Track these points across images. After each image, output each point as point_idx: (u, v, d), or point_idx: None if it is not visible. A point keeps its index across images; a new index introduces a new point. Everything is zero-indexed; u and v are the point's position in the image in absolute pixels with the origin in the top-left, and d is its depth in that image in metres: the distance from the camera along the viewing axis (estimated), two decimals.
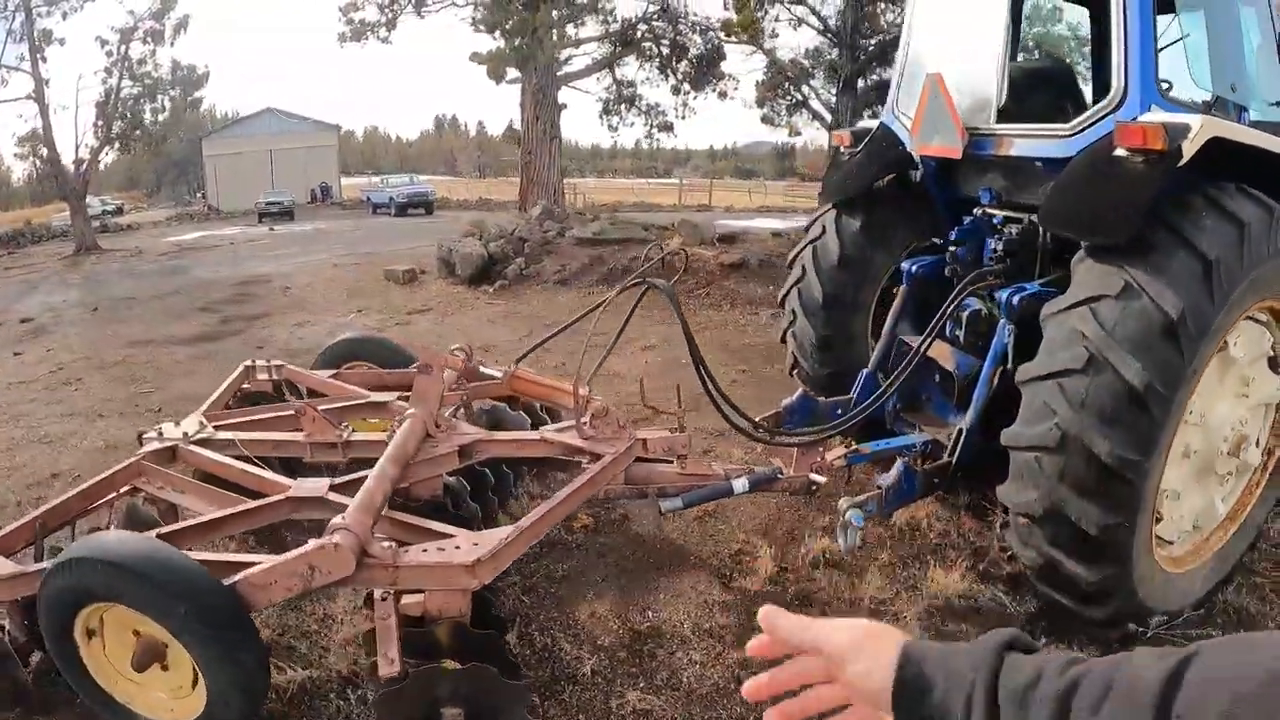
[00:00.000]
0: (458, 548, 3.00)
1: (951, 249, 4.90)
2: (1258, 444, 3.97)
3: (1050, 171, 4.15)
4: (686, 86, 18.67)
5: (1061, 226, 3.85)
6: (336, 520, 2.92)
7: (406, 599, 3.06)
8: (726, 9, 15.60)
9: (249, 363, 5.48)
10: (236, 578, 2.80)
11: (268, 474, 3.83)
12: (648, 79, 19.46)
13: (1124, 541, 3.38)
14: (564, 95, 18.55)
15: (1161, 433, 3.28)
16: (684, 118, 19.46)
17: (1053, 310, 3.54)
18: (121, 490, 4.00)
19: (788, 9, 14.75)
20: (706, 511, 4.76)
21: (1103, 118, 3.82)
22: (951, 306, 4.37)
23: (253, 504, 3.49)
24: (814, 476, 4.08)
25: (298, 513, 3.55)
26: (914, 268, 5.11)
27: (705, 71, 18.30)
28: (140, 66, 21.26)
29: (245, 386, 5.39)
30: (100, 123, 20.50)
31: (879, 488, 3.91)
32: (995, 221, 4.76)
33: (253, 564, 2.88)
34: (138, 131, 21.54)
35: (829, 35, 14.11)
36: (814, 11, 14.59)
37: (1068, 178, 3.78)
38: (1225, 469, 3.85)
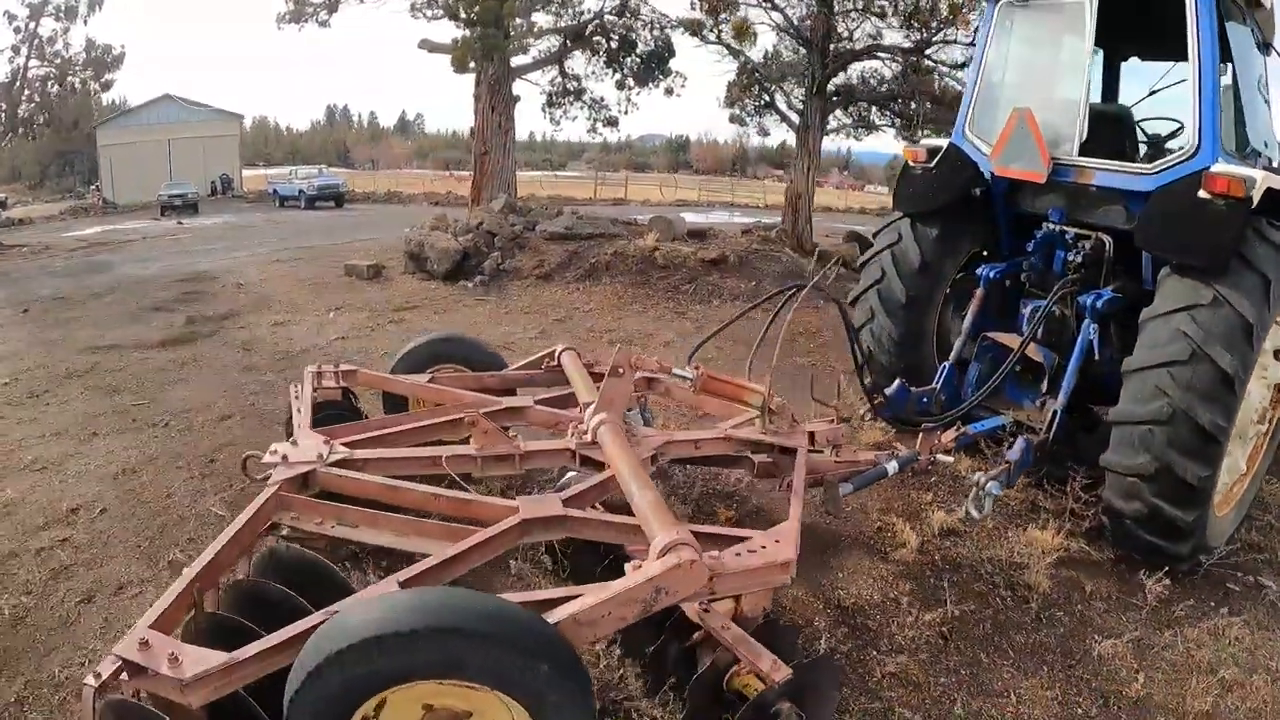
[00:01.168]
0: (762, 547, 2.90)
1: (1029, 258, 5.68)
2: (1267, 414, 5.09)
3: (1127, 200, 5.10)
4: (631, 82, 17.84)
5: (1157, 247, 4.75)
6: (670, 536, 2.74)
7: (717, 605, 2.98)
8: (693, 9, 14.85)
9: (314, 368, 4.64)
10: (562, 617, 2.43)
11: (473, 495, 3.46)
12: (592, 73, 18.57)
13: (1210, 491, 4.33)
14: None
15: (1238, 406, 4.29)
16: (626, 113, 18.66)
17: (1153, 314, 4.44)
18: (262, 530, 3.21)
19: (767, 15, 14.12)
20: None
21: (1179, 164, 4.73)
22: (1044, 309, 5.10)
23: (487, 532, 3.02)
24: (941, 457, 4.63)
25: (529, 535, 3.22)
26: (991, 273, 5.73)
27: (654, 68, 17.52)
28: (50, 45, 18.65)
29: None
30: (4, 107, 17.89)
31: (1008, 462, 4.47)
32: (1068, 237, 5.49)
33: (566, 599, 2.56)
34: (44, 116, 18.99)
35: (801, 41, 13.55)
36: (788, 20, 14.02)
37: (1157, 209, 4.69)
38: (1252, 434, 4.90)
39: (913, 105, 13.89)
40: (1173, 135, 5.98)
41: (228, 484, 4.96)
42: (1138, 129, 6.14)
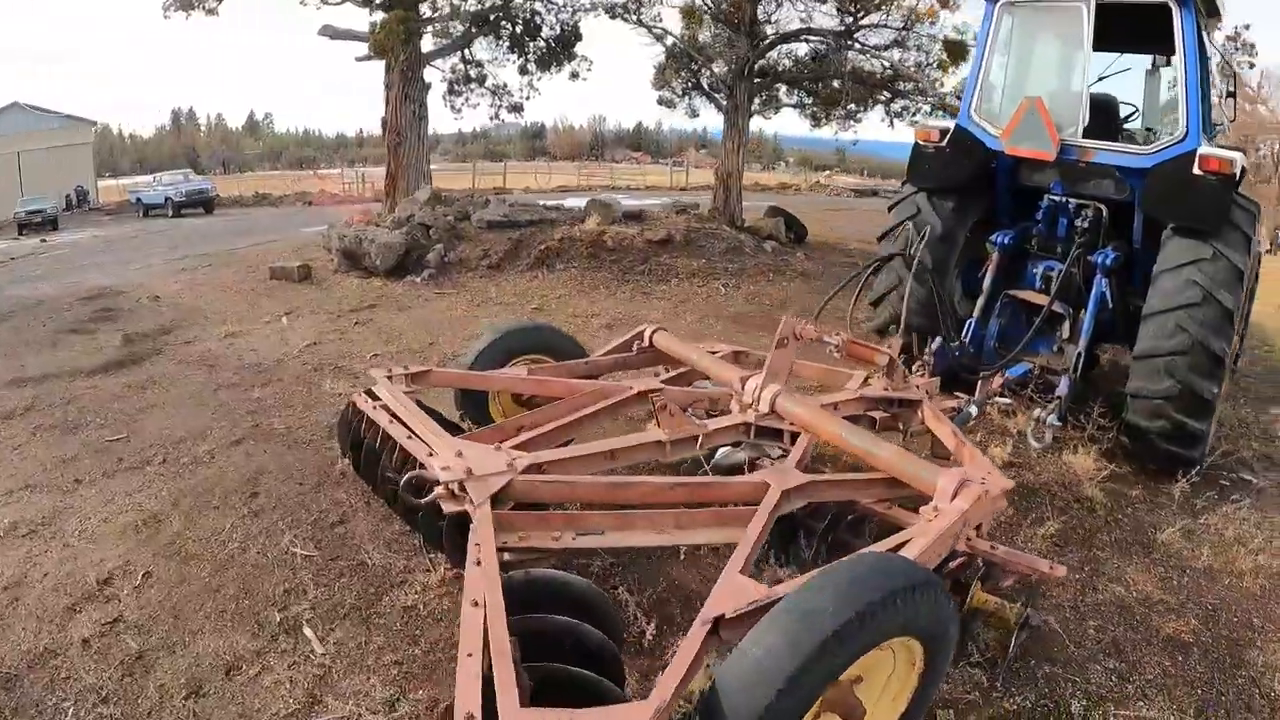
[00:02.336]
0: (982, 479, 3.11)
1: (1036, 225, 6.33)
2: None
3: (1124, 176, 5.86)
4: (533, 67, 16.81)
5: (1164, 214, 5.50)
6: (960, 474, 3.05)
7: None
8: None
9: (384, 373, 4.01)
10: (913, 555, 2.60)
11: (713, 478, 3.65)
12: (494, 59, 17.43)
13: (1216, 405, 5.20)
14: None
15: (1235, 336, 5.28)
16: (529, 98, 17.58)
17: (1165, 268, 5.26)
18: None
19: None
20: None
21: (1171, 145, 5.54)
22: (1066, 268, 5.80)
23: (760, 511, 2.97)
24: (999, 399, 5.49)
25: (785, 506, 3.15)
26: (1004, 239, 6.29)
27: (560, 52, 16.57)
28: None
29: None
30: None
31: (1058, 398, 5.33)
32: (1071, 206, 6.13)
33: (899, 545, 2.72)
34: None
35: (729, 25, 12.99)
36: (714, 4, 13.44)
37: (1160, 183, 5.51)
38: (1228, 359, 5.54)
39: (835, 84, 13.63)
40: (1128, 118, 6.97)
41: (293, 518, 4.00)
42: (1119, 113, 6.87)
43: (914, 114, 13.75)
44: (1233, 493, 5.18)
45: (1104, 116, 6.32)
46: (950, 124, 6.49)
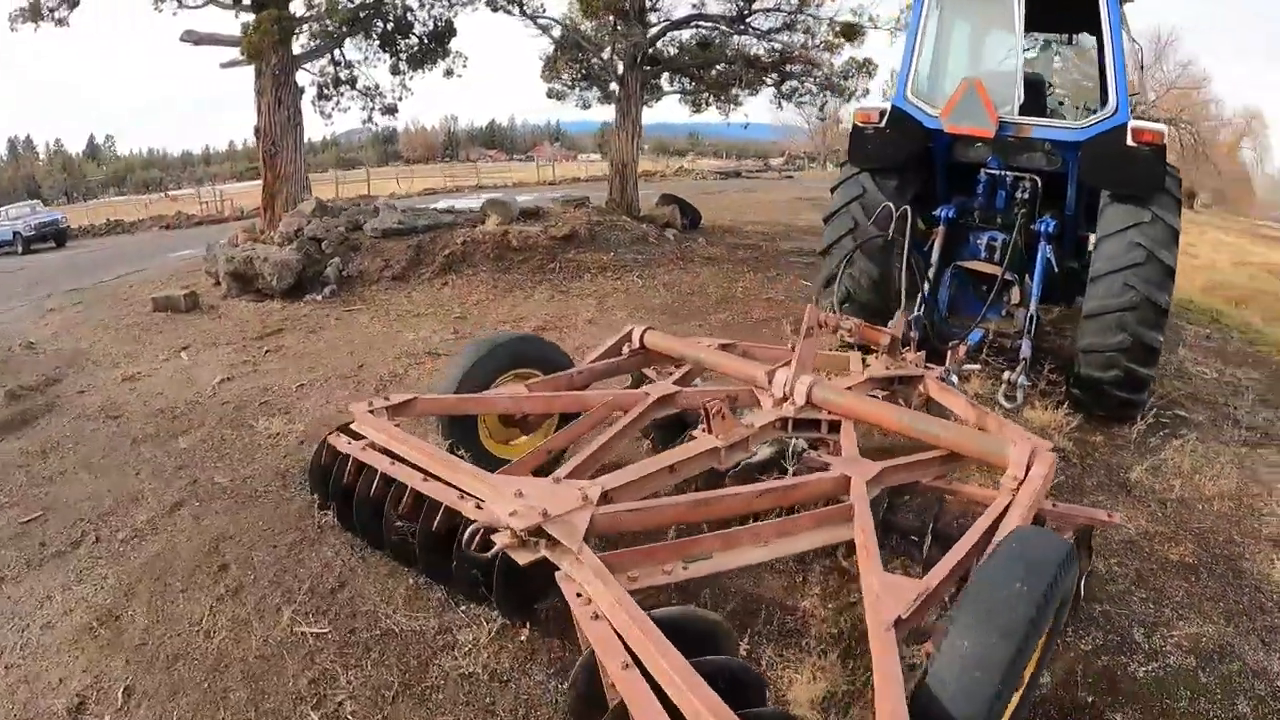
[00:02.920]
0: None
1: (976, 199, 6.49)
2: None
3: (1058, 149, 6.16)
4: (405, 66, 15.87)
5: (1104, 183, 5.84)
6: (1030, 444, 3.21)
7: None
8: None
9: (365, 406, 3.65)
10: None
11: (795, 479, 3.38)
12: (365, 59, 16.37)
13: (1160, 351, 5.66)
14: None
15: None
16: (402, 99, 16.56)
17: (1108, 232, 5.62)
18: None
19: None
20: None
21: (1103, 120, 5.83)
22: (1013, 238, 6.00)
23: (857, 505, 2.94)
24: (968, 366, 5.58)
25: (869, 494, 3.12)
26: (948, 213, 6.49)
27: (434, 48, 15.71)
28: None
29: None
30: None
31: (1024, 359, 5.60)
32: (1008, 179, 6.36)
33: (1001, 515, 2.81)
34: None
35: (618, 13, 12.57)
36: None
37: (1098, 155, 5.79)
38: None
39: (723, 69, 13.47)
40: (1049, 94, 7.23)
41: (282, 589, 3.43)
42: (1044, 89, 7.09)
43: (803, 95, 13.82)
44: (1178, 429, 5.74)
45: (1032, 93, 6.49)
46: (885, 105, 6.60)
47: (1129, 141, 5.64)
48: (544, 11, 13.38)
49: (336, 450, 3.52)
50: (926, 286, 6.33)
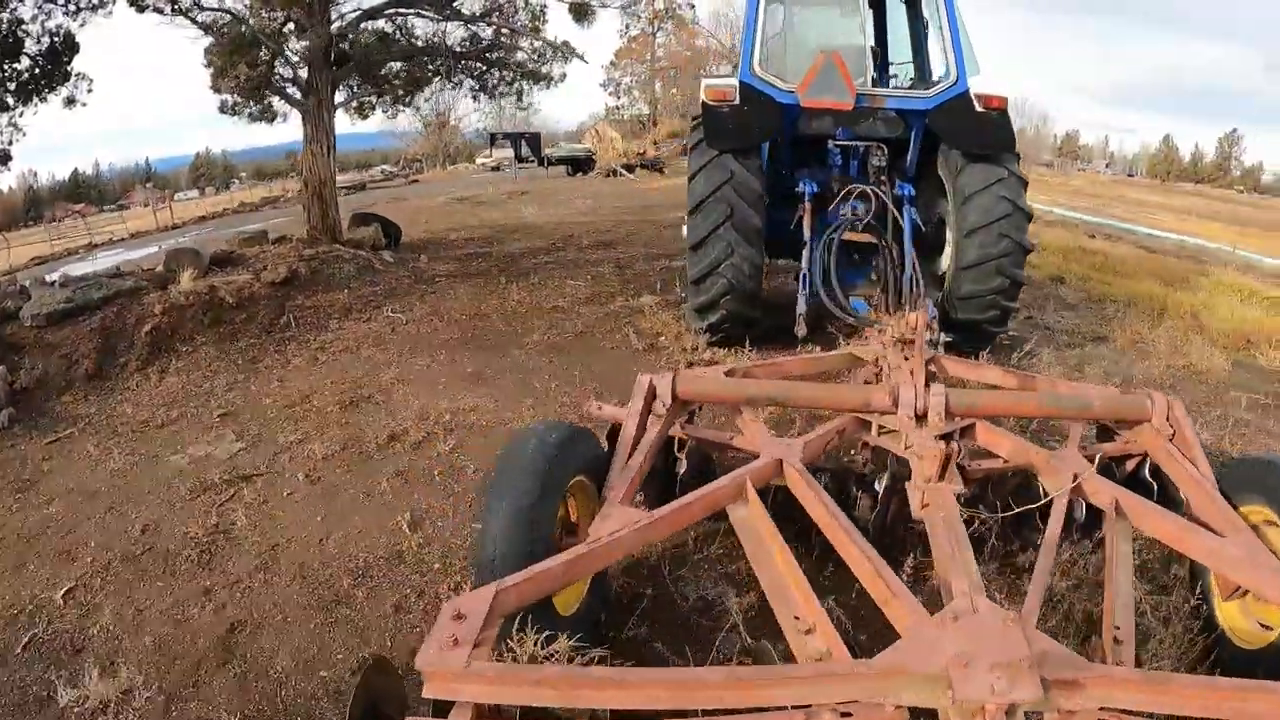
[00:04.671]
0: None
1: (831, 170, 6.65)
2: None
3: (906, 118, 6.50)
4: (13, 99, 12.05)
5: (964, 145, 6.16)
6: (1146, 391, 3.45)
7: None
8: None
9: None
10: None
11: None
12: None
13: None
14: None
15: None
16: (13, 142, 12.64)
17: (974, 190, 6.03)
18: None
19: None
20: None
21: (947, 89, 6.21)
22: (879, 206, 6.26)
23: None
24: (945, 337, 5.75)
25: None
26: (812, 188, 6.49)
27: (51, 71, 12.04)
28: None
29: None
30: None
31: (934, 317, 5.59)
32: (861, 149, 6.55)
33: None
34: None
35: (298, 4, 10.39)
36: None
37: (950, 119, 6.18)
38: None
39: (418, 62, 11.87)
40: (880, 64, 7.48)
41: None
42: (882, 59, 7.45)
43: (511, 84, 12.76)
44: (1027, 335, 7.11)
45: (881, 66, 6.92)
46: (733, 81, 6.39)
47: (978, 107, 6.09)
48: (199, 7, 10.60)
49: None
50: (805, 264, 6.33)
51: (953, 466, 2.90)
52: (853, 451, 4.00)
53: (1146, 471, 3.37)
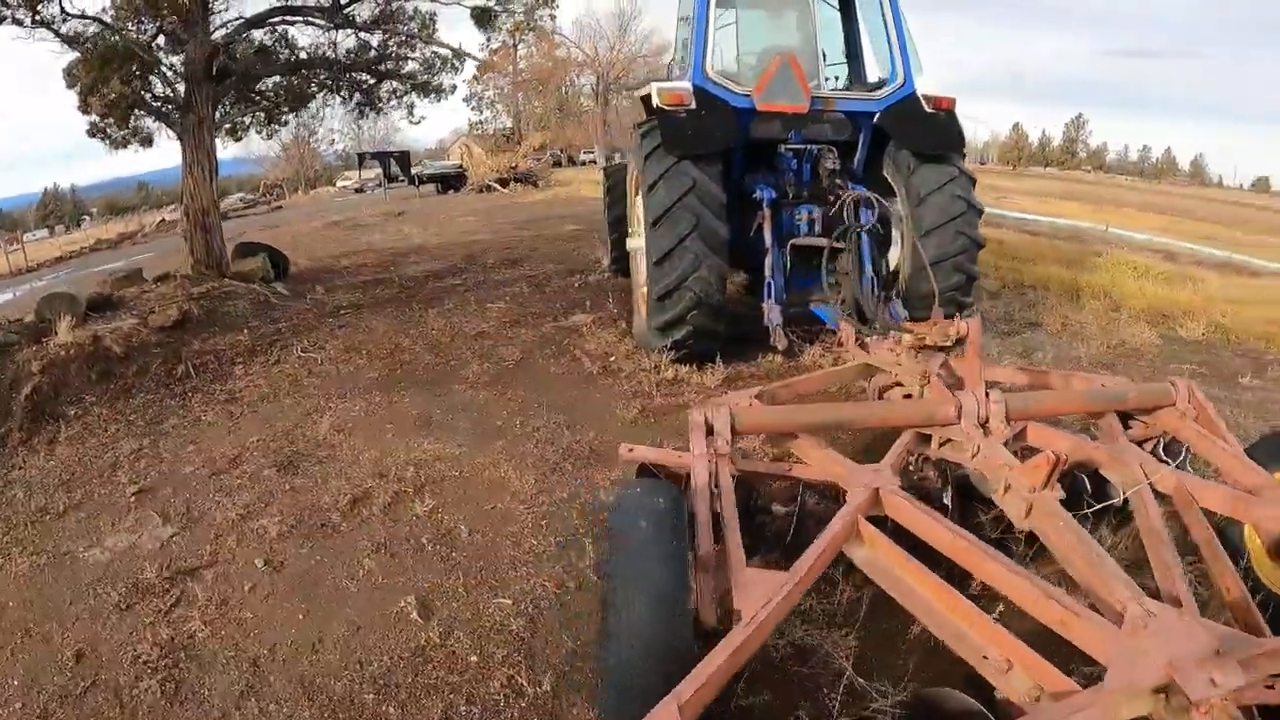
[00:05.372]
0: None
1: (785, 175, 6.45)
2: None
3: (854, 119, 6.48)
4: None
5: (914, 145, 6.20)
6: (1170, 379, 3.49)
7: None
8: None
9: None
10: None
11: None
12: None
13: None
14: None
15: None
16: None
17: (930, 190, 6.06)
18: None
19: None
20: None
21: (895, 91, 6.24)
22: (838, 209, 6.05)
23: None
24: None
25: None
26: (770, 194, 6.26)
27: None
28: None
29: None
30: None
31: (900, 318, 5.56)
32: (814, 152, 6.40)
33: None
34: None
35: (174, 9, 9.19)
36: None
37: (900, 121, 6.23)
38: None
39: (302, 75, 10.85)
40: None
41: None
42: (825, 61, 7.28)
43: (402, 96, 11.91)
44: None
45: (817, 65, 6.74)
46: (687, 85, 6.14)
47: (928, 108, 6.15)
48: (64, 21, 9.22)
49: None
50: (769, 272, 6.13)
51: (1057, 473, 2.75)
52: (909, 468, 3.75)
53: (1162, 451, 3.54)
